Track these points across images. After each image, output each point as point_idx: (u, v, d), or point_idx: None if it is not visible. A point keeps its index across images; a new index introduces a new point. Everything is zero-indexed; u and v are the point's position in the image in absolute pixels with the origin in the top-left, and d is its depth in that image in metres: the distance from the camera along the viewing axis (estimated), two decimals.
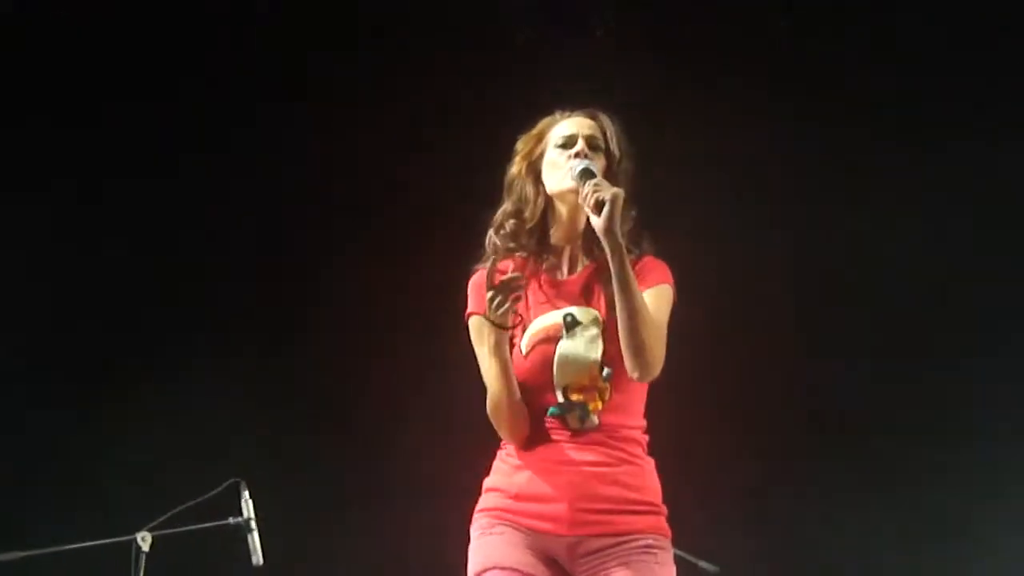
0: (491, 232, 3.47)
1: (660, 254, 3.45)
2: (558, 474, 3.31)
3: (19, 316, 5.93)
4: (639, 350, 3.23)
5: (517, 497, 3.35)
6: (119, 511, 4.92)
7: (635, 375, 3.27)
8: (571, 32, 6.03)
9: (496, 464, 3.45)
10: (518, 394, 3.31)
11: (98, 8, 6.02)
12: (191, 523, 4.64)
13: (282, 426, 5.96)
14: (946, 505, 5.68)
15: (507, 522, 3.34)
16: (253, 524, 4.67)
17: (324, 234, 6.15)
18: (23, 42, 6.05)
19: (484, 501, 3.43)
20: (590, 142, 3.40)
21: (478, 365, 3.38)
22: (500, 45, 6.05)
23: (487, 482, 3.45)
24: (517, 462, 3.38)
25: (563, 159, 3.38)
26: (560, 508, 3.30)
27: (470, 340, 3.42)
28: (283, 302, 6.12)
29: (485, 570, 3.33)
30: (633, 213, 3.40)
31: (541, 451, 3.35)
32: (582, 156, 3.36)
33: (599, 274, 3.37)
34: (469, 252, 3.52)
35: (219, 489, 4.67)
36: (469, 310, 3.41)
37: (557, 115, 3.50)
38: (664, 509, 3.37)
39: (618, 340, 3.27)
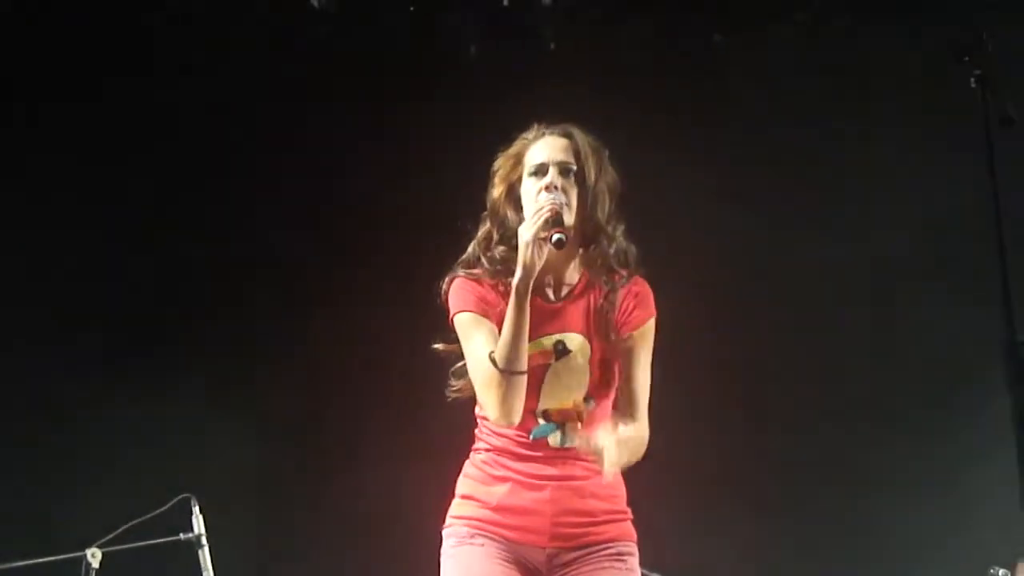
0: (478, 251, 3.46)
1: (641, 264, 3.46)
2: (539, 489, 3.37)
3: None
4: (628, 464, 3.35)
5: (497, 509, 3.38)
6: (68, 527, 4.88)
7: None
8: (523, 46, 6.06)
9: (470, 470, 3.47)
10: (525, 364, 3.27)
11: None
12: (141, 539, 4.61)
13: (233, 441, 5.91)
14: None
15: (486, 533, 3.37)
16: (204, 540, 4.65)
17: (288, 250, 6.10)
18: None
19: (460, 509, 3.44)
20: (561, 168, 3.37)
21: (467, 365, 3.37)
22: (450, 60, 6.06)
23: (462, 488, 3.46)
24: (497, 472, 3.41)
25: (535, 190, 3.35)
26: (541, 522, 3.36)
27: (444, 359, 3.44)
28: (234, 315, 6.08)
29: None
30: (621, 227, 3.42)
31: (523, 464, 3.38)
32: (552, 189, 3.31)
33: (588, 298, 3.41)
34: (424, 269, 3.53)
35: (169, 505, 4.64)
36: (455, 311, 3.40)
37: (533, 132, 3.47)
38: (630, 513, 3.45)
39: (603, 371, 3.37)
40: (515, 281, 3.23)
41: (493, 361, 3.27)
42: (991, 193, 2.96)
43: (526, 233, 3.24)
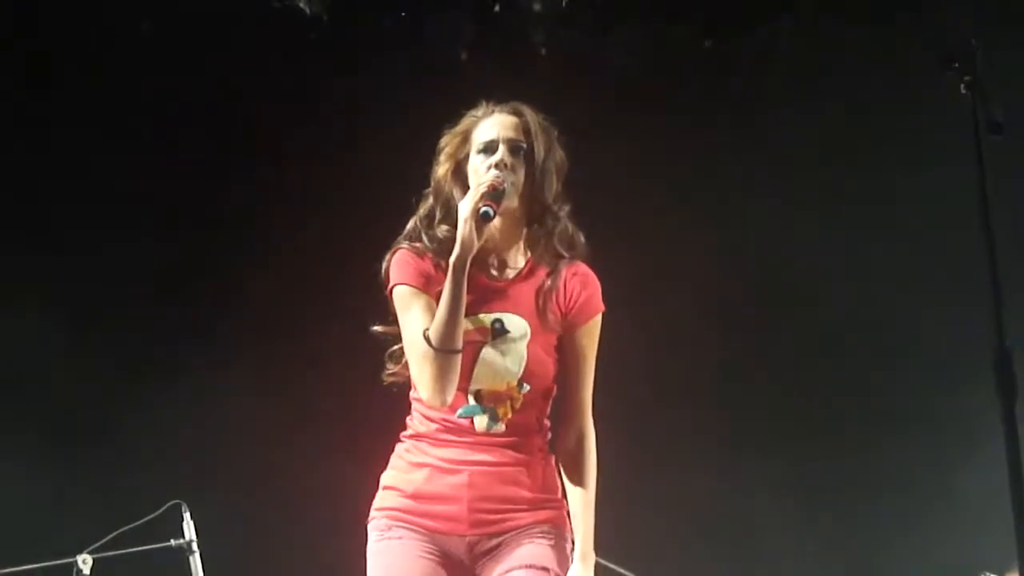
0: (419, 227, 3.40)
1: (596, 258, 3.44)
2: (456, 473, 3.31)
3: None
4: None
5: (415, 496, 3.33)
6: (58, 532, 4.87)
7: None
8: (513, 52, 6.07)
9: (394, 459, 3.43)
10: (460, 343, 3.22)
11: None
12: (132, 545, 4.60)
13: (224, 447, 5.91)
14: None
15: (405, 524, 3.33)
16: (195, 546, 4.65)
17: (279, 256, 6.10)
18: None
19: (381, 499, 3.40)
20: (511, 145, 3.31)
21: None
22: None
23: (384, 478, 3.42)
24: (416, 459, 3.36)
25: (484, 167, 3.30)
26: (458, 508, 3.30)
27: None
28: (221, 319, 6.08)
29: None
30: (567, 208, 3.38)
31: (442, 450, 3.33)
32: (502, 167, 3.27)
33: (532, 280, 3.36)
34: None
35: (161, 511, 4.64)
36: (393, 283, 3.35)
37: (481, 110, 3.41)
38: (563, 504, 3.38)
39: (541, 357, 3.32)
40: (452, 257, 3.19)
41: (427, 339, 3.21)
42: (980, 198, 2.96)
43: (465, 208, 3.20)
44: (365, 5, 6.19)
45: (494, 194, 3.21)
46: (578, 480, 3.37)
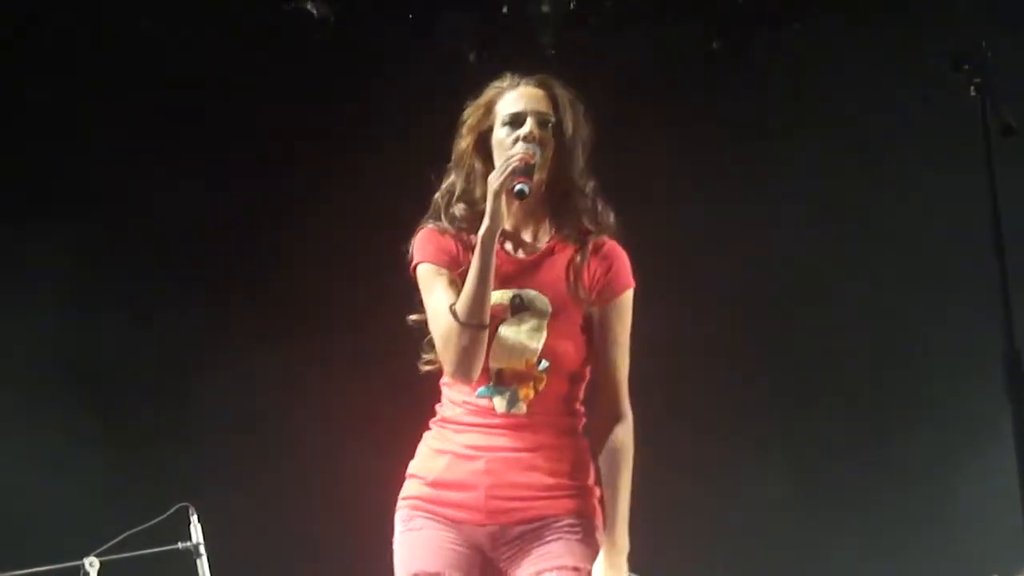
0: (440, 204, 3.34)
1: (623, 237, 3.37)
2: (475, 460, 3.23)
3: None
4: None
5: (435, 484, 3.26)
6: (67, 535, 4.87)
7: None
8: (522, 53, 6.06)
9: (420, 447, 3.36)
10: (488, 318, 3.15)
11: None
12: (140, 548, 4.60)
13: (231, 449, 5.91)
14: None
15: (425, 513, 3.25)
16: (202, 549, 4.64)
17: (278, 266, 6.10)
18: None
19: (405, 488, 3.34)
20: (539, 119, 3.24)
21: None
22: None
23: (410, 466, 3.36)
24: (439, 446, 3.29)
25: (510, 141, 3.22)
26: (476, 496, 3.22)
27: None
28: (227, 323, 6.08)
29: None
30: (592, 184, 3.31)
31: (463, 436, 3.26)
32: (530, 140, 3.20)
33: (559, 257, 3.28)
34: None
35: (168, 513, 4.64)
36: (416, 261, 3.29)
37: (506, 81, 3.35)
38: (593, 491, 3.28)
39: (563, 335, 3.23)
40: (481, 231, 3.11)
41: (454, 313, 3.14)
42: (991, 201, 2.96)
43: (494, 182, 3.11)
44: (372, 7, 6.18)
45: (526, 169, 3.14)
46: (610, 465, 3.25)
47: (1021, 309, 2.91)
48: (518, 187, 3.11)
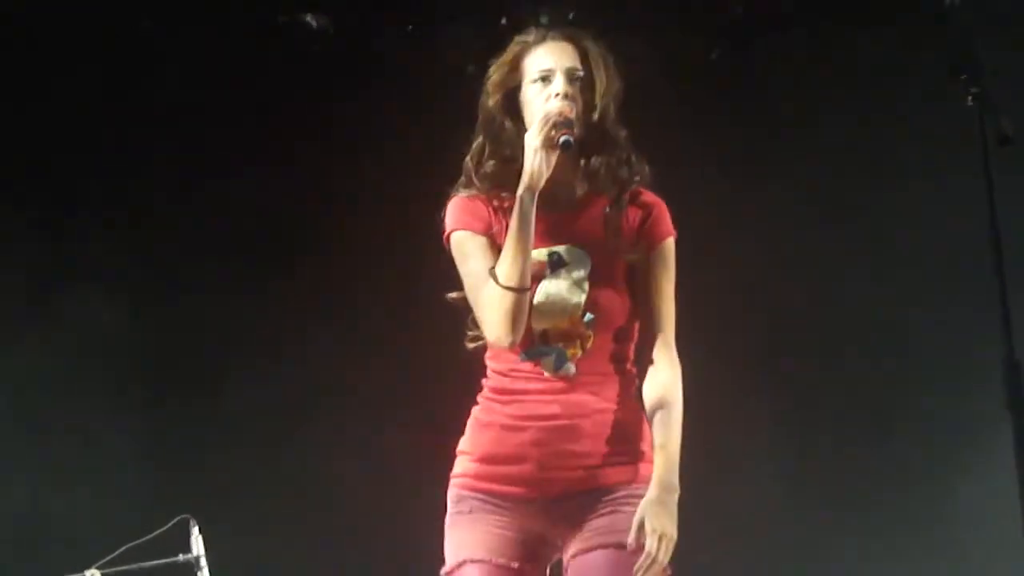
0: (470, 167, 3.26)
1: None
2: (523, 431, 3.12)
3: None
4: None
5: (483, 459, 3.16)
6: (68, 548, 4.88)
7: None
8: None
9: (469, 422, 3.26)
10: (529, 280, 3.06)
11: None
12: (140, 560, 4.59)
13: (232, 462, 5.90)
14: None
15: (475, 492, 3.15)
16: (203, 562, 4.63)
17: (279, 278, 6.10)
18: None
19: (456, 466, 3.24)
20: (570, 75, 3.17)
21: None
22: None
23: (460, 443, 3.26)
24: (486, 418, 3.19)
25: (541, 98, 3.14)
26: (527, 469, 3.11)
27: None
28: (221, 336, 6.07)
29: (460, 564, 3.15)
30: (624, 133, 3.25)
31: (509, 407, 3.15)
32: (563, 96, 3.12)
33: (594, 210, 3.22)
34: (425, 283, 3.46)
35: (168, 526, 4.63)
36: (449, 229, 3.21)
37: (532, 36, 3.27)
38: (645, 453, 3.16)
39: (605, 286, 3.14)
40: (520, 190, 3.04)
41: (494, 276, 3.06)
42: (989, 210, 2.95)
43: (533, 139, 3.04)
44: (371, 18, 6.18)
45: (567, 122, 3.08)
46: (660, 417, 3.14)
47: (1020, 311, 2.91)
48: (563, 139, 3.05)
